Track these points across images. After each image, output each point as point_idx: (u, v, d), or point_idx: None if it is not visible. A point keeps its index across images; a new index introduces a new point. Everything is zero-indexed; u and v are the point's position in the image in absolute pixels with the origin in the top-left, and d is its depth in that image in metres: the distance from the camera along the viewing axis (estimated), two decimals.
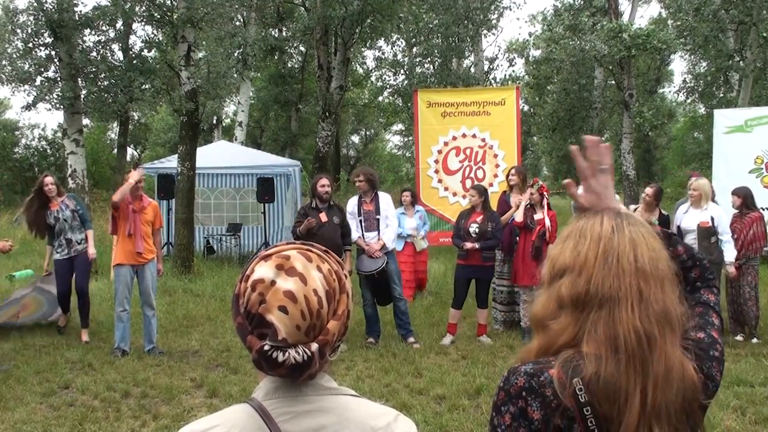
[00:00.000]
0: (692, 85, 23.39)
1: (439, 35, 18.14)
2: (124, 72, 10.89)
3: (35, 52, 10.95)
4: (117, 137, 27.84)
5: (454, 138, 10.72)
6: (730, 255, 6.54)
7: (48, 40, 10.76)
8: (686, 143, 28.25)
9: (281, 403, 1.12)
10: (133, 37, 16.55)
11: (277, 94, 24.06)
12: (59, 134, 20.04)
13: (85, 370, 5.89)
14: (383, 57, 21.48)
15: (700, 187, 6.72)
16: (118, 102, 11.05)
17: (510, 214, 7.26)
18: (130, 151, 30.75)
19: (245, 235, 13.70)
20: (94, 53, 11.21)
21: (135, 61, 11.74)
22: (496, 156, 10.62)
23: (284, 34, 23.62)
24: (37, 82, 10.92)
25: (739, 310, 6.87)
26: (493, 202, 8.28)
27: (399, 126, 32.86)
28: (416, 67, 19.46)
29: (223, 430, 1.10)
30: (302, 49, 24.32)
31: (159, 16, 11.14)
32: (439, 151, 10.74)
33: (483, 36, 21.45)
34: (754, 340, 6.75)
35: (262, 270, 1.12)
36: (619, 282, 1.19)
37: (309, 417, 1.12)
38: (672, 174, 26.25)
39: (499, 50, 45.35)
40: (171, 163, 11.96)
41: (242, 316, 1.12)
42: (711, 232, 6.55)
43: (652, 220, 6.74)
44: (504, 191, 8.00)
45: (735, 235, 6.82)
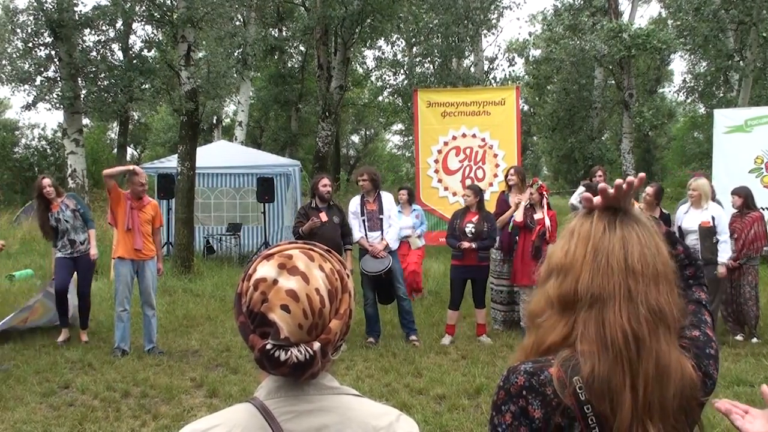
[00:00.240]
0: (692, 85, 23.39)
1: (439, 35, 18.13)
2: (124, 72, 10.90)
3: (35, 51, 10.97)
4: (117, 137, 27.86)
5: (454, 138, 10.72)
6: (723, 255, 6.53)
7: (48, 39, 10.78)
8: (686, 143, 28.25)
9: (283, 403, 1.12)
10: (133, 37, 16.61)
11: (277, 94, 24.06)
12: (59, 134, 20.05)
13: (85, 370, 5.89)
14: (383, 57, 21.50)
15: (699, 187, 6.72)
16: (118, 102, 11.08)
17: (509, 214, 7.26)
18: (130, 150, 30.78)
19: (245, 234, 13.70)
20: (94, 53, 11.24)
21: (135, 61, 11.76)
22: (496, 156, 10.63)
23: (284, 33, 23.63)
24: (37, 82, 10.94)
25: (739, 310, 6.87)
26: (493, 201, 8.29)
27: (399, 126, 32.86)
28: (416, 67, 19.47)
29: (225, 429, 1.10)
30: (302, 48, 24.32)
31: (159, 16, 11.14)
32: (439, 151, 10.74)
33: (483, 36, 21.47)
34: (754, 340, 6.75)
35: (265, 269, 1.12)
36: (608, 281, 1.20)
37: (311, 416, 1.12)
38: (672, 174, 26.25)
39: (499, 50, 45.44)
40: (171, 162, 11.95)
41: (245, 315, 1.12)
42: (713, 232, 6.55)
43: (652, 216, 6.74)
44: (503, 191, 8.00)
45: (736, 235, 6.83)
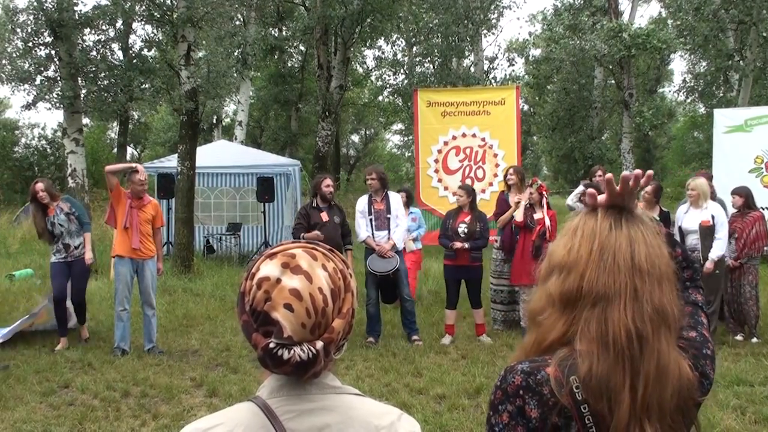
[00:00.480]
0: (692, 84, 23.39)
1: (439, 35, 18.13)
2: (124, 71, 10.89)
3: (35, 51, 10.96)
4: (117, 136, 27.89)
5: (454, 137, 10.72)
6: (716, 252, 6.50)
7: (48, 39, 10.77)
8: (686, 143, 28.29)
9: (286, 401, 1.12)
10: (133, 37, 16.62)
11: (277, 94, 24.06)
12: (59, 133, 20.03)
13: (84, 370, 5.89)
14: (383, 57, 21.50)
15: (697, 186, 6.72)
16: (117, 101, 11.06)
17: (509, 214, 7.26)
18: (130, 150, 30.78)
19: (245, 234, 13.70)
20: (94, 52, 11.22)
21: (135, 61, 11.75)
22: (495, 155, 10.63)
23: (284, 33, 23.62)
24: (37, 82, 10.93)
25: (740, 310, 6.87)
26: (493, 201, 8.29)
27: (399, 125, 32.86)
28: (416, 67, 19.48)
29: (227, 428, 1.10)
30: (302, 48, 24.32)
31: (159, 16, 11.14)
32: (439, 151, 10.74)
33: (483, 36, 21.47)
34: (754, 340, 6.74)
35: (268, 268, 1.12)
36: (614, 279, 1.19)
37: (313, 415, 1.12)
38: (672, 173, 26.26)
39: (499, 50, 45.50)
40: (171, 162, 11.95)
41: (248, 314, 1.12)
42: (714, 231, 6.55)
43: (653, 216, 6.74)
44: (503, 191, 7.99)
45: (737, 235, 6.83)
